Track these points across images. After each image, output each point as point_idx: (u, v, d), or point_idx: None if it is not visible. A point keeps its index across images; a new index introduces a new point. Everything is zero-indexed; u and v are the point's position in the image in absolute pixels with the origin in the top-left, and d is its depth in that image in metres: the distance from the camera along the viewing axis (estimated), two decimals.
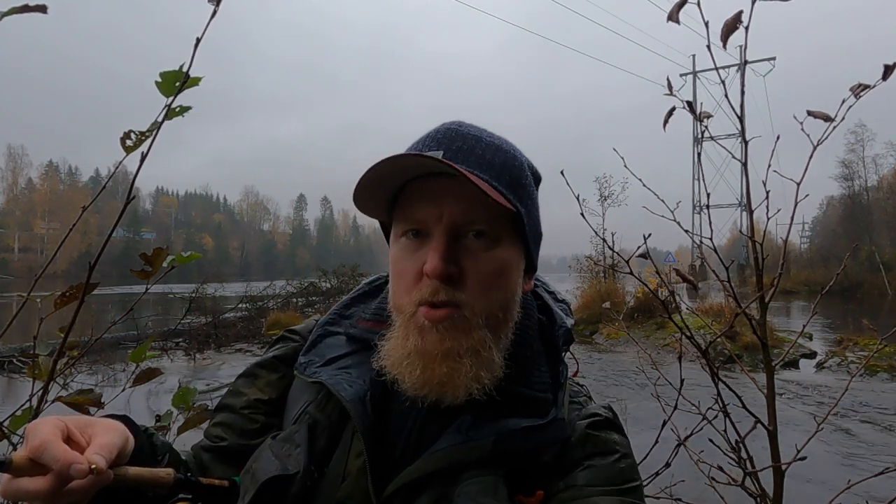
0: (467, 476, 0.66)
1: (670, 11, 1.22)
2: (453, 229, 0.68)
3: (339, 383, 0.74)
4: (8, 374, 8.66)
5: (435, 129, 0.74)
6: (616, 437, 0.74)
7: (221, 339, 12.82)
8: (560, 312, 0.84)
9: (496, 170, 0.70)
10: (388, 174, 0.68)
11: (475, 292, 0.68)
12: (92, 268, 1.03)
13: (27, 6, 0.87)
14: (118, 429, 0.61)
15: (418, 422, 0.72)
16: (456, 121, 0.76)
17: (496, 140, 0.74)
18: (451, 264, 0.67)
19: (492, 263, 0.69)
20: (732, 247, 45.32)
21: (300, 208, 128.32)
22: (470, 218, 0.68)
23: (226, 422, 0.83)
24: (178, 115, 1.01)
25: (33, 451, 0.53)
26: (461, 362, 0.67)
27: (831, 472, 4.85)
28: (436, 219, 0.69)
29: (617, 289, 15.30)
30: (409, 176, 0.70)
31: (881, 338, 1.52)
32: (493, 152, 0.72)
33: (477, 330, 0.68)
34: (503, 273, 0.70)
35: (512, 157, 0.73)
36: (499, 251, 0.70)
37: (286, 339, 0.89)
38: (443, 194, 0.68)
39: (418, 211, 0.70)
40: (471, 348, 0.67)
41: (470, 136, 0.72)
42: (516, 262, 0.73)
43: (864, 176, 44.04)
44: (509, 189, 0.70)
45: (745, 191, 1.44)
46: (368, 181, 0.67)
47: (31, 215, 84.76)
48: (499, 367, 0.69)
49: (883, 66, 1.11)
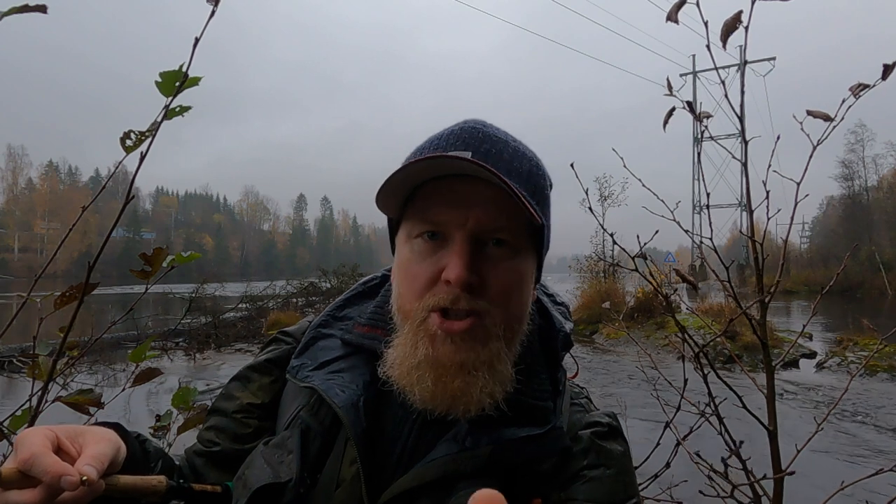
0: (462, 486, 0.64)
1: (669, 11, 1.22)
2: (477, 235, 0.66)
3: (330, 388, 0.72)
4: (8, 374, 8.66)
5: (459, 128, 0.71)
6: (619, 449, 0.73)
7: (221, 339, 12.82)
8: (559, 316, 0.82)
9: (523, 178, 0.69)
10: (414, 173, 0.65)
11: (496, 302, 0.66)
12: (91, 268, 1.02)
13: (27, 6, 0.87)
14: (109, 438, 0.60)
15: (414, 429, 0.71)
16: (478, 120, 0.73)
17: (520, 145, 0.72)
18: (474, 273, 0.64)
19: (512, 274, 0.67)
20: (732, 247, 45.37)
21: (300, 208, 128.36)
22: (495, 226, 0.66)
23: (218, 426, 0.82)
24: (177, 115, 1.01)
25: (23, 463, 0.52)
26: (476, 376, 0.65)
27: (831, 472, 4.85)
28: (459, 223, 0.65)
29: (617, 289, 15.31)
30: (434, 175, 0.67)
31: (881, 338, 1.52)
32: (520, 159, 0.70)
33: (494, 341, 0.66)
34: (522, 284, 0.69)
35: (535, 166, 0.72)
36: (518, 261, 0.68)
37: (279, 342, 0.87)
38: (469, 198, 0.65)
39: (439, 213, 0.67)
40: (486, 361, 0.65)
41: (497, 138, 0.70)
42: (532, 273, 0.72)
43: (864, 176, 44.09)
44: (534, 199, 0.68)
45: (745, 191, 1.44)
46: (399, 180, 0.65)
47: (31, 215, 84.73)
48: (510, 380, 0.67)
49: (882, 66, 1.11)
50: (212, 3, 0.93)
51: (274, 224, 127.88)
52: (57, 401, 1.18)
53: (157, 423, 1.65)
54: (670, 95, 1.37)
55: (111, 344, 9.98)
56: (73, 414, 1.20)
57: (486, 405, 0.65)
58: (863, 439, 6.04)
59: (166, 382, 7.17)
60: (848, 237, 40.23)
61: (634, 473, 0.74)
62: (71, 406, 1.18)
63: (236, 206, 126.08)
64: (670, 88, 1.38)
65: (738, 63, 22.95)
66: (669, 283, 1.98)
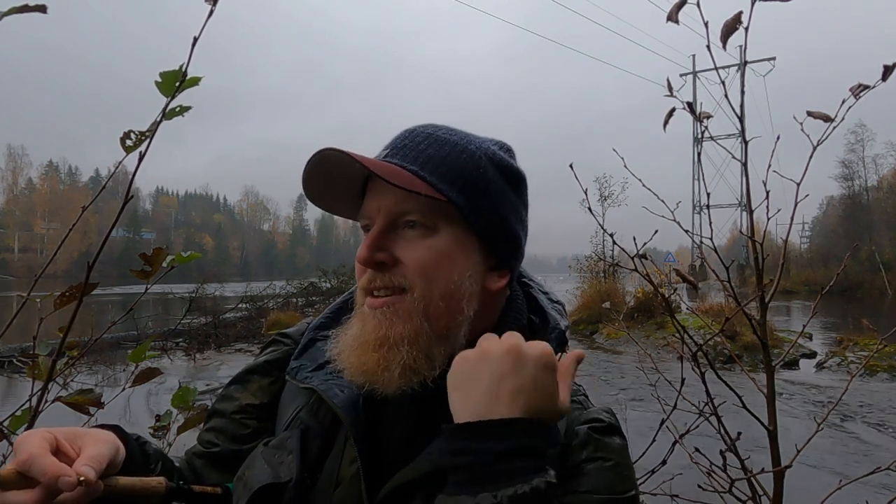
0: None
1: (670, 12, 1.22)
2: (388, 220, 0.70)
3: (330, 388, 0.73)
4: (8, 374, 8.66)
5: (399, 132, 0.76)
6: (618, 443, 0.73)
7: (221, 339, 12.82)
8: (554, 314, 0.82)
9: (433, 162, 0.70)
10: (336, 175, 0.71)
11: (413, 277, 0.68)
12: (91, 268, 1.03)
13: (27, 6, 0.87)
14: (108, 439, 0.61)
15: (410, 425, 0.71)
16: (428, 124, 0.76)
17: (454, 137, 0.74)
18: (378, 251, 0.69)
19: (426, 251, 0.69)
20: (732, 247, 45.38)
21: (300, 208, 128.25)
22: (402, 209, 0.69)
23: (217, 427, 0.82)
24: (177, 115, 1.01)
25: (21, 465, 0.53)
26: (396, 351, 0.67)
27: (830, 471, 4.86)
28: (375, 212, 0.71)
29: (617, 289, 15.30)
30: (358, 175, 0.72)
31: (881, 338, 1.52)
32: (439, 147, 0.72)
33: (416, 317, 0.68)
34: (441, 261, 0.69)
35: (461, 150, 0.72)
36: (435, 240, 0.70)
37: (278, 343, 0.87)
38: (382, 189, 0.70)
39: (365, 207, 0.73)
40: (407, 337, 0.67)
41: (423, 134, 0.73)
42: (460, 253, 0.71)
43: (864, 176, 44.14)
44: (443, 178, 0.69)
45: (745, 191, 1.44)
46: (309, 181, 0.71)
47: (31, 215, 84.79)
48: (440, 362, 0.68)
49: (882, 67, 1.11)
50: (210, 2, 0.93)
51: (274, 224, 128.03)
52: (57, 401, 1.18)
53: (156, 424, 1.65)
54: (670, 96, 1.37)
55: (111, 344, 9.98)
56: (73, 414, 1.21)
57: (412, 381, 0.67)
58: (863, 439, 6.04)
59: (166, 382, 7.16)
60: (848, 237, 40.24)
61: (633, 468, 0.74)
62: (71, 406, 1.18)
63: (236, 206, 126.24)
64: (670, 88, 1.38)
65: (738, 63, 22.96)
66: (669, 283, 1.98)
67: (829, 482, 4.18)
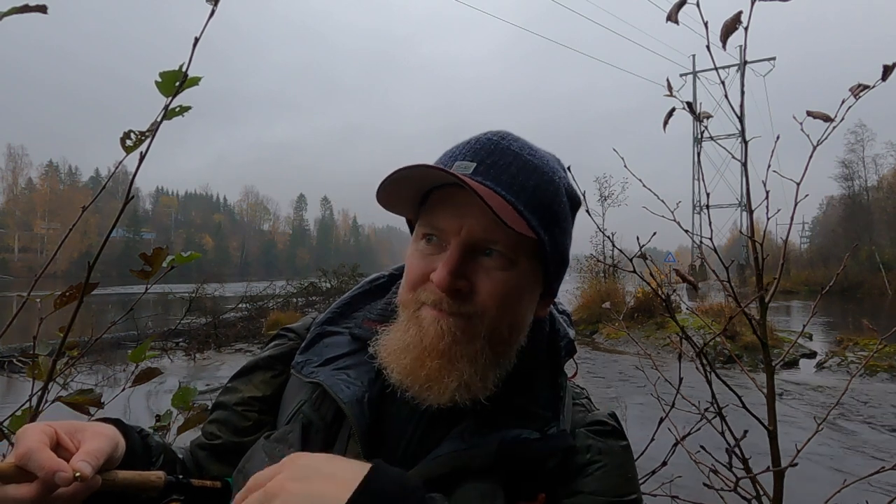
0: (466, 482, 0.65)
1: (669, 12, 1.22)
2: (470, 245, 0.68)
3: (336, 384, 0.73)
4: (8, 374, 8.65)
5: (477, 137, 0.73)
6: (621, 444, 0.74)
7: (221, 339, 12.82)
8: (563, 324, 0.85)
9: (527, 192, 0.69)
10: (416, 178, 0.68)
11: (485, 308, 0.67)
12: (91, 268, 1.02)
13: (27, 6, 0.87)
14: (107, 434, 0.61)
15: (420, 427, 0.71)
16: (501, 132, 0.74)
17: (536, 159, 0.72)
18: (459, 279, 0.67)
19: (504, 285, 0.68)
20: (732, 247, 45.36)
21: (300, 208, 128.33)
22: (489, 237, 0.67)
23: (220, 419, 0.83)
24: (177, 115, 1.01)
25: (19, 459, 0.53)
26: (455, 365, 0.66)
27: (831, 471, 4.85)
28: (454, 231, 0.68)
29: (617, 289, 15.31)
30: (435, 183, 0.70)
31: (881, 338, 1.52)
32: (529, 173, 0.70)
33: (478, 340, 0.67)
34: (514, 296, 0.69)
35: (548, 181, 0.71)
36: (513, 274, 0.69)
37: (282, 337, 0.88)
38: (466, 208, 0.67)
39: (439, 219, 0.69)
40: (468, 355, 0.67)
41: (509, 151, 0.71)
42: (530, 288, 0.72)
43: (864, 176, 44.08)
44: (535, 214, 0.69)
45: (745, 191, 1.44)
46: (390, 185, 0.67)
47: (31, 215, 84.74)
48: (491, 385, 0.69)
49: (882, 67, 1.11)
50: (211, 2, 0.94)
51: (274, 224, 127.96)
52: (57, 401, 1.18)
53: (156, 423, 1.65)
54: (670, 96, 1.37)
55: (111, 344, 9.98)
56: (73, 414, 1.20)
57: (462, 397, 0.67)
58: (863, 439, 6.04)
59: (166, 382, 7.17)
60: (848, 237, 40.21)
61: (636, 470, 0.75)
62: (71, 406, 1.18)
63: (236, 206, 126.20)
64: (670, 89, 1.38)
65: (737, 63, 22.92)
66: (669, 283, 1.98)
67: (829, 482, 4.18)
